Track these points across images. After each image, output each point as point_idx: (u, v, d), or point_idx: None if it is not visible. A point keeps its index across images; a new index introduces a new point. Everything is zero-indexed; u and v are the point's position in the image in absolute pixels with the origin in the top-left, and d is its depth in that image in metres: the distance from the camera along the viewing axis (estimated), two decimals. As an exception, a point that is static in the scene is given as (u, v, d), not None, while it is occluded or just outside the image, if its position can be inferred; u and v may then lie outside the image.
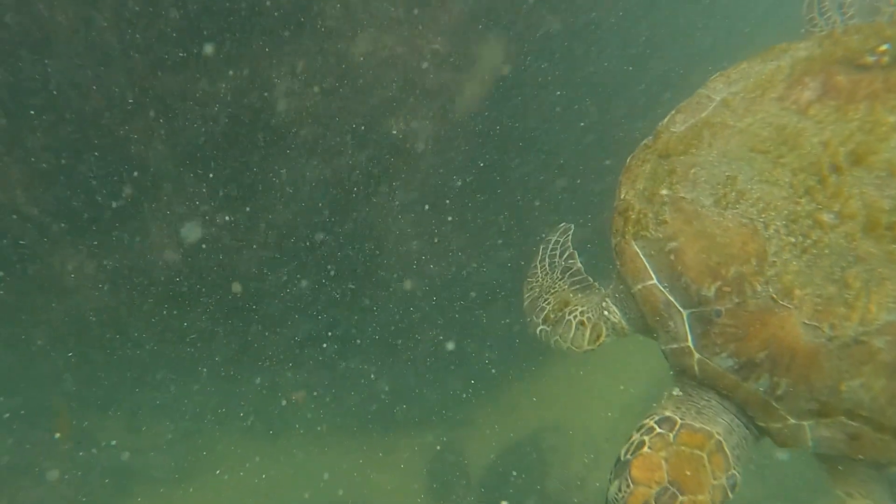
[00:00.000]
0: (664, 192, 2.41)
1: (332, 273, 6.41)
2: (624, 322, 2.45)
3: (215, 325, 6.52)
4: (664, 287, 2.24)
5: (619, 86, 7.29)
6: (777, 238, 2.09)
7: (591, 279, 2.90)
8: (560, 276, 2.94)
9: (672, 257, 2.24)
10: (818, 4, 3.18)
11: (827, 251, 2.02)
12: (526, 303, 2.82)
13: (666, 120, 2.73)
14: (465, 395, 8.23)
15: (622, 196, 2.58)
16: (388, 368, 7.72)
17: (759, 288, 2.05)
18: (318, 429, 8.31)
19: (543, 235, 3.41)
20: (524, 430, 8.38)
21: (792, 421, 2.02)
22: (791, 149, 2.26)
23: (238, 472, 8.23)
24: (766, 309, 2.03)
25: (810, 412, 1.99)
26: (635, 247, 2.37)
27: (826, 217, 2.06)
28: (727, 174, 2.31)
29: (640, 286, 2.30)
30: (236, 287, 6.09)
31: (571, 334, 2.44)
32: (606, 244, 2.59)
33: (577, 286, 2.80)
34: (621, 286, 2.46)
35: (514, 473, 7.98)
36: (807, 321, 1.98)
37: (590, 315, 2.48)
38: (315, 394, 7.96)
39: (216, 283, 6.00)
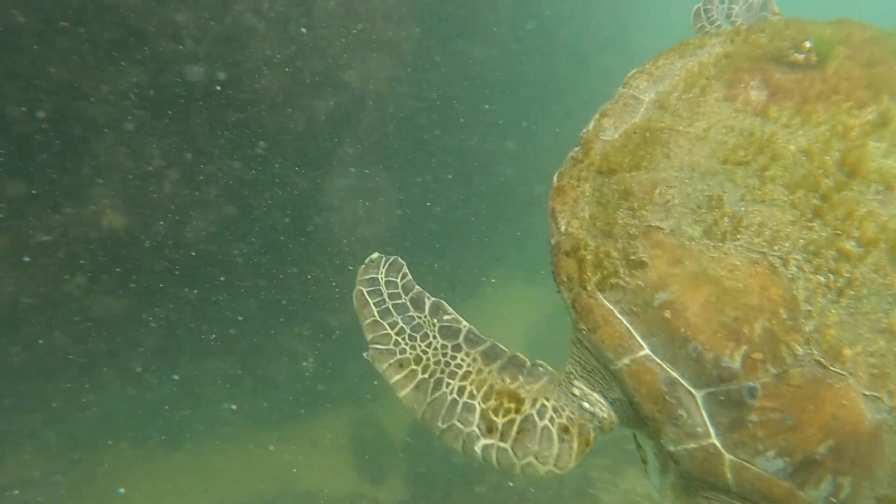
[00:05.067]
0: (627, 220, 1.65)
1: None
2: (613, 414, 1.60)
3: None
4: (663, 359, 1.46)
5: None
6: (803, 278, 1.45)
7: (500, 345, 1.92)
8: (457, 349, 1.86)
9: (667, 314, 1.47)
10: (706, 15, 2.86)
11: (865, 291, 1.43)
12: (408, 397, 1.72)
13: (591, 126, 2.01)
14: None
15: (564, 228, 1.76)
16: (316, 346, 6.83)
17: (799, 351, 1.38)
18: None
19: (351, 269, 2.37)
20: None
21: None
22: (771, 159, 1.68)
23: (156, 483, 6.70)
24: (817, 380, 1.36)
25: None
26: (606, 302, 1.56)
27: (849, 245, 1.48)
28: (707, 193, 1.64)
29: (625, 361, 1.48)
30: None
31: (555, 450, 1.49)
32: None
33: (501, 362, 1.80)
34: (591, 360, 1.61)
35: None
36: (866, 391, 1.35)
37: (570, 414, 1.57)
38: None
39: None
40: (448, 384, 1.69)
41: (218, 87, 4.37)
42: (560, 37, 9.95)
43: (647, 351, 1.47)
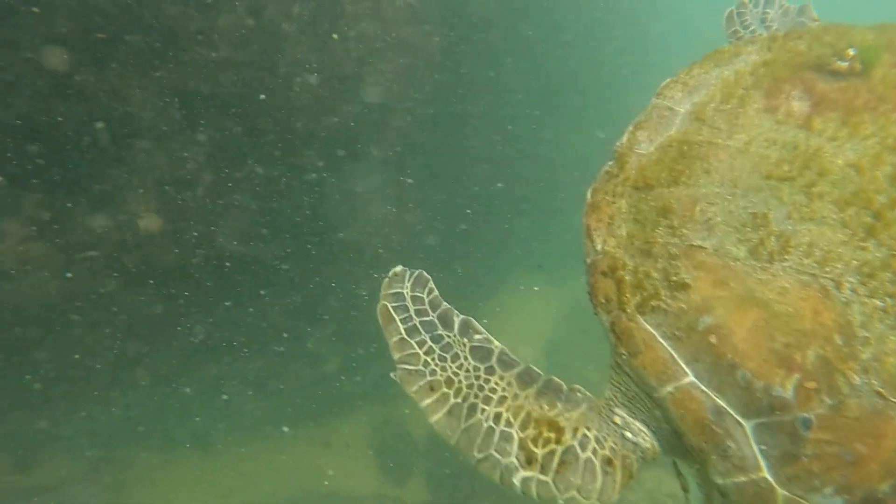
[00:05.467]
0: (667, 239, 1.59)
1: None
2: (656, 443, 1.53)
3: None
4: (709, 387, 1.40)
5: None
6: (857, 302, 1.37)
7: (534, 368, 1.83)
8: (491, 371, 1.76)
9: (713, 339, 1.41)
10: (739, 19, 2.76)
11: (925, 315, 1.35)
12: (440, 422, 1.63)
13: (625, 139, 1.95)
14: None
15: (600, 247, 1.70)
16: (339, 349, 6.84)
17: (857, 380, 1.31)
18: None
19: (379, 277, 2.15)
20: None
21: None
22: (819, 174, 1.60)
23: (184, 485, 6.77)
24: (876, 412, 1.29)
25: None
26: (647, 325, 1.50)
27: (907, 266, 1.40)
28: (751, 211, 1.57)
29: (669, 388, 1.42)
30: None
31: (599, 484, 1.41)
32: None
33: (537, 386, 1.72)
34: (632, 386, 1.55)
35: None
36: (929, 423, 1.28)
37: (612, 444, 1.51)
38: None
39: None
40: (483, 410, 1.62)
41: (251, 92, 4.39)
42: (598, 45, 9.96)
43: (691, 378, 1.41)
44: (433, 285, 2.06)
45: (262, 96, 4.38)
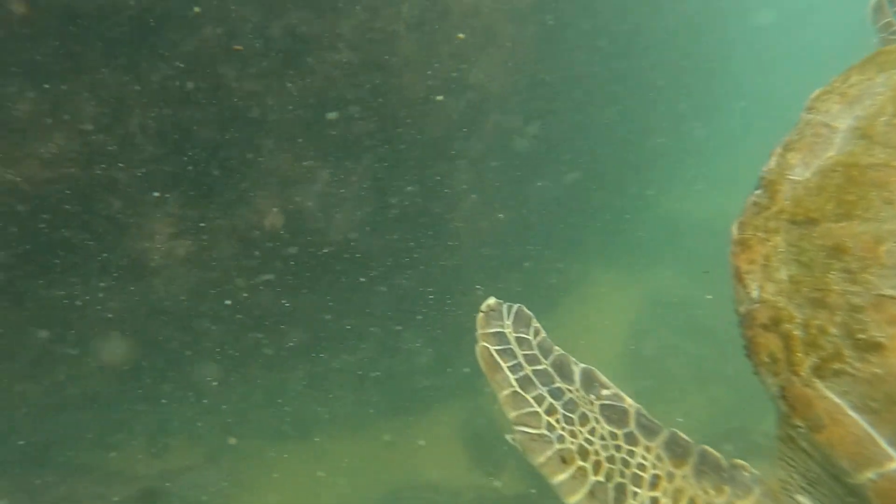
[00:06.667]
0: (845, 286, 1.37)
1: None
2: None
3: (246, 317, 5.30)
4: (918, 471, 1.18)
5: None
6: None
7: (679, 434, 1.55)
8: (632, 440, 1.48)
9: (919, 413, 1.19)
10: (892, 7, 2.34)
11: None
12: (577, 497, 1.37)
13: (773, 163, 1.71)
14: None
15: (756, 294, 1.50)
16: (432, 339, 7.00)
17: None
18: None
19: (484, 313, 1.81)
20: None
21: None
22: None
23: (293, 474, 7.12)
24: None
25: None
26: (829, 393, 1.30)
27: None
28: (955, 253, 1.31)
29: (870, 475, 1.22)
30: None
31: None
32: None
33: (693, 462, 1.46)
34: (813, 467, 1.35)
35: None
36: None
37: None
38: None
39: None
40: (635, 494, 1.40)
41: (365, 93, 4.49)
42: (696, 38, 9.58)
43: None
44: (538, 324, 1.80)
45: (380, 98, 4.47)
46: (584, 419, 1.55)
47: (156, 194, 4.24)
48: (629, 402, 1.63)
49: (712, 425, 7.97)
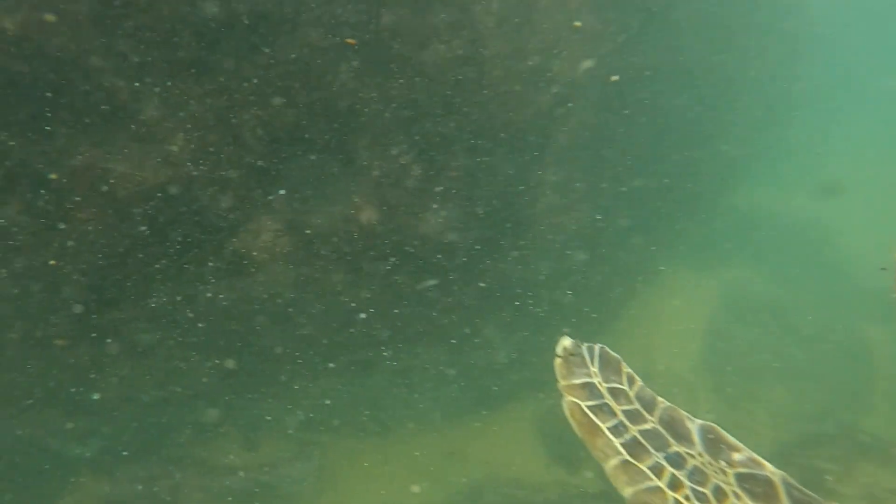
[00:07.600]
0: None
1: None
2: None
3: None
4: None
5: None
6: None
7: None
8: None
9: None
10: None
11: None
12: None
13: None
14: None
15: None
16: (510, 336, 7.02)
17: None
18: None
19: (562, 358, 1.50)
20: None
21: None
22: None
23: (378, 469, 7.29)
24: None
25: None
26: None
27: None
28: None
29: None
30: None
31: None
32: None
33: None
34: None
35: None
36: None
37: None
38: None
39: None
40: None
41: (456, 88, 4.52)
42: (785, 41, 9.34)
43: None
44: (629, 368, 1.42)
45: (474, 93, 4.48)
46: (719, 494, 1.23)
47: (262, 192, 4.39)
48: (770, 467, 1.30)
49: (803, 424, 7.55)
